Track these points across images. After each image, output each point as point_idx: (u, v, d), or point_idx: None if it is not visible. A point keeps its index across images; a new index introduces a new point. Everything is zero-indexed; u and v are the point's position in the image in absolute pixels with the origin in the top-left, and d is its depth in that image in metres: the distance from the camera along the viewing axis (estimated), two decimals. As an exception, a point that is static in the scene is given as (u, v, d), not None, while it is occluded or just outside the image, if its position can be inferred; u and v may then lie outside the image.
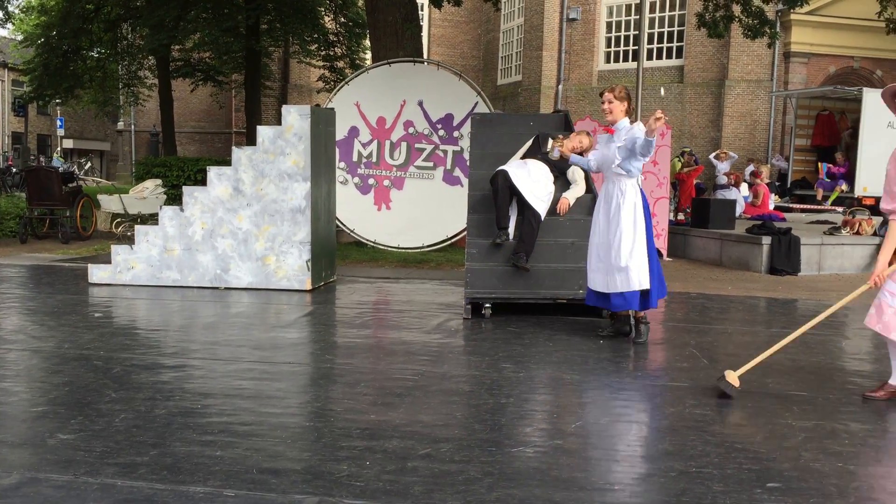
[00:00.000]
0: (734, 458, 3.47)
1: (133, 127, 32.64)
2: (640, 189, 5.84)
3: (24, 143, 36.73)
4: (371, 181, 11.70)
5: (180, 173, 16.34)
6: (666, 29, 23.30)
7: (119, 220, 13.21)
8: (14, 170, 23.76)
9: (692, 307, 7.52)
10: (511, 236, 6.82)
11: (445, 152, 11.66)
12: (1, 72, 40.00)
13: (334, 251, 8.90)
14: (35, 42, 22.46)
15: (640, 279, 5.63)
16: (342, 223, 11.28)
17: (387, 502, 2.95)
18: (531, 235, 6.69)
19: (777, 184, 19.24)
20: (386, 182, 11.70)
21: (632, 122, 5.81)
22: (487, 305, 6.75)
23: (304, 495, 2.99)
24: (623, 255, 5.62)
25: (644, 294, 5.70)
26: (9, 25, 30.34)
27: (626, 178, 5.72)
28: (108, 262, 8.26)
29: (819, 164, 17.44)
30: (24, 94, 24.79)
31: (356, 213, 11.61)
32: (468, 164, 8.05)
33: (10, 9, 22.92)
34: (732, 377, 4.49)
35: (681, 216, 13.39)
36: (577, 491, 3.09)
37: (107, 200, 13.33)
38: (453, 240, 11.52)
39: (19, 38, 28.55)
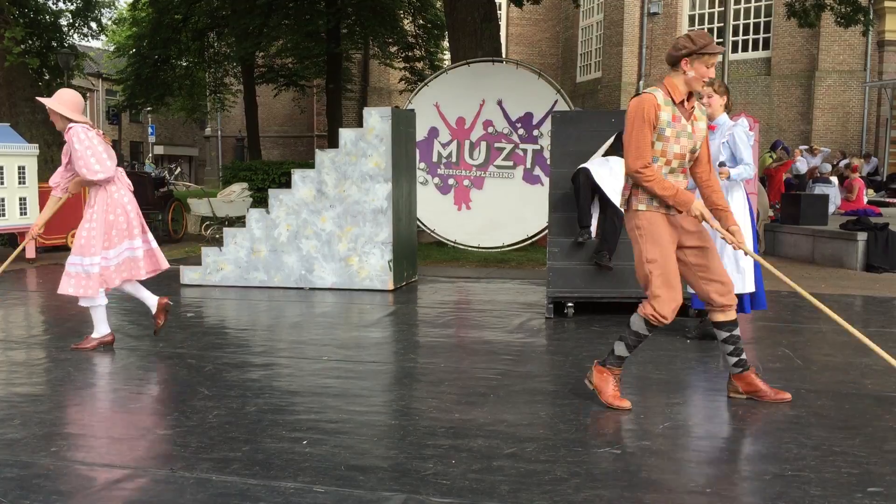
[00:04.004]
0: (832, 462, 3.35)
1: (220, 132, 33.63)
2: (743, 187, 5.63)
3: (118, 150, 38.25)
4: (451, 181, 11.74)
5: (265, 177, 16.73)
6: (752, 20, 22.66)
7: (208, 223, 13.61)
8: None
9: (783, 306, 7.28)
10: (593, 235, 6.74)
11: (525, 151, 11.61)
12: (95, 82, 41.73)
13: (415, 251, 8.97)
14: (127, 52, 23.40)
15: (749, 282, 5.47)
16: (423, 223, 11.35)
17: (473, 501, 2.95)
18: (614, 234, 6.60)
19: (878, 178, 18.46)
20: (466, 182, 11.72)
21: (732, 117, 5.66)
22: (570, 304, 6.69)
23: (391, 493, 3.02)
24: (740, 256, 5.43)
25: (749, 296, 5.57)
26: (102, 37, 31.65)
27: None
28: (199, 263, 8.52)
29: None
30: (118, 103, 25.83)
31: (436, 213, 11.67)
32: (549, 162, 7.99)
33: (104, 21, 23.91)
34: None
35: (770, 212, 12.98)
36: (666, 493, 3.03)
37: (196, 204, 13.77)
38: (534, 239, 11.46)
39: (112, 49, 29.75)
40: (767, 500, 2.98)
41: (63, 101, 5.16)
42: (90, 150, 5.09)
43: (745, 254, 4.26)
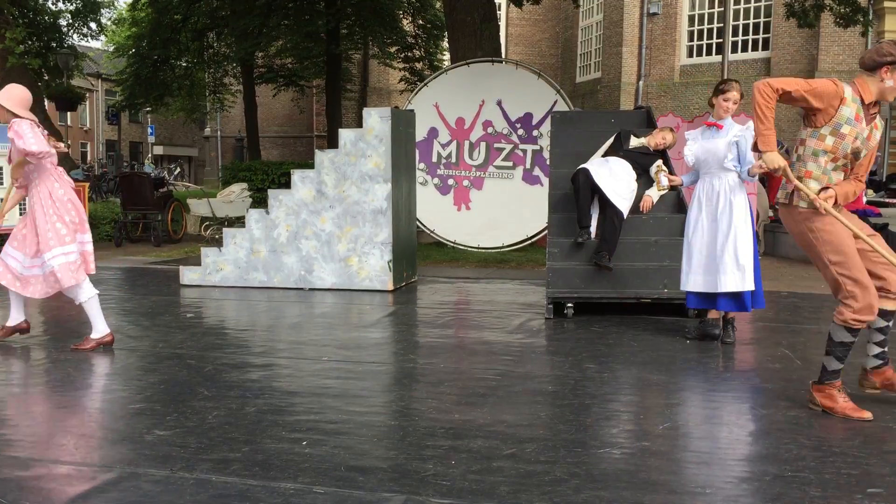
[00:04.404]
0: (832, 462, 3.35)
1: (219, 133, 33.61)
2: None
3: (117, 150, 38.28)
4: (451, 181, 11.74)
5: (265, 177, 16.74)
6: (751, 20, 22.63)
7: (207, 223, 13.61)
8: (109, 176, 24.76)
9: (783, 306, 7.29)
10: (593, 235, 6.74)
11: (525, 151, 11.61)
12: (95, 82, 41.74)
13: (415, 252, 8.97)
14: (126, 53, 23.40)
15: (748, 279, 5.46)
16: (422, 224, 11.35)
17: (473, 502, 2.95)
18: (613, 234, 6.59)
19: (877, 178, 18.43)
20: (465, 182, 11.72)
21: (734, 118, 5.68)
22: (569, 305, 6.69)
23: (391, 493, 3.02)
24: (741, 254, 5.41)
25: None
26: (102, 37, 31.64)
27: (733, 173, 5.56)
28: (198, 264, 8.52)
29: None
30: (117, 103, 25.83)
31: (436, 213, 11.67)
32: (548, 162, 8.00)
33: (103, 21, 23.92)
34: None
35: (770, 213, 12.97)
36: (666, 494, 3.03)
37: (196, 204, 13.76)
38: (533, 239, 11.46)
39: (112, 49, 29.75)
40: (767, 500, 2.98)
41: (10, 97, 5.23)
42: (30, 132, 5.09)
43: (824, 211, 3.89)
